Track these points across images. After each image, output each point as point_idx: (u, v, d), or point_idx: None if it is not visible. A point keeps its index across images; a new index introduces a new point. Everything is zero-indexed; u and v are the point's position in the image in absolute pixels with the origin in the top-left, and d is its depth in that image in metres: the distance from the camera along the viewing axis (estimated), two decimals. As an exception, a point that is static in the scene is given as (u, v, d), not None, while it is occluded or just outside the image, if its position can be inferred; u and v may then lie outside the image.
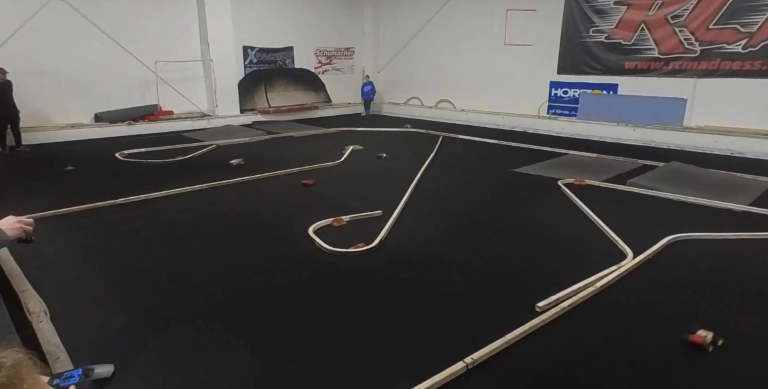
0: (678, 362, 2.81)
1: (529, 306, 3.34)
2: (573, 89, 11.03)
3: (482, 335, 2.97)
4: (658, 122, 9.61)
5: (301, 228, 4.79)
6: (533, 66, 11.45)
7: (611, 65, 10.36)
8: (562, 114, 11.25)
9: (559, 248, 4.48)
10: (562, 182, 6.48)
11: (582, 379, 2.67)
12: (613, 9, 10.14)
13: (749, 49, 8.59)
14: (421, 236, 4.76)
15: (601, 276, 3.74)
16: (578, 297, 3.44)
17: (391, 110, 14.62)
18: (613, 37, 10.23)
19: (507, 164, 7.75)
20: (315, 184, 6.45)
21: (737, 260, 4.16)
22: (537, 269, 4.05)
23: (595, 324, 3.22)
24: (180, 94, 11.52)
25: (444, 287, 3.74)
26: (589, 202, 5.58)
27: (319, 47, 14.11)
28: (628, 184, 6.39)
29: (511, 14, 11.65)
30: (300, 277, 3.92)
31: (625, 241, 4.41)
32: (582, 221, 5.12)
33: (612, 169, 7.36)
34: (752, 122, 8.63)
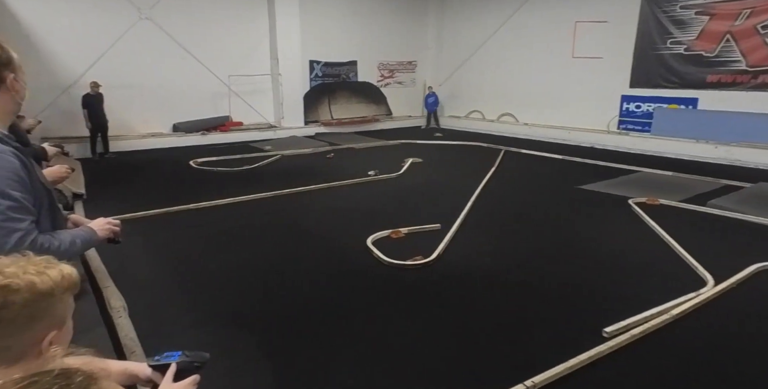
0: (767, 404, 2.54)
1: (594, 331, 3.15)
2: (647, 104, 10.46)
3: (543, 358, 2.84)
4: (744, 140, 8.86)
5: (360, 239, 4.83)
6: (603, 79, 11.00)
7: (691, 78, 9.74)
8: (633, 129, 10.68)
9: (629, 271, 4.22)
10: (633, 201, 6.12)
11: (654, 415, 2.48)
12: (694, 19, 9.57)
13: None
14: (479, 252, 4.66)
15: (677, 304, 3.47)
16: (651, 325, 3.20)
17: (452, 124, 14.54)
18: (694, 49, 9.64)
19: (572, 180, 7.44)
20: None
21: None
22: (604, 292, 3.82)
23: (669, 354, 2.98)
24: (249, 106, 12.11)
25: (503, 306, 3.62)
26: (664, 223, 5.22)
27: (381, 61, 14.36)
28: (708, 205, 5.93)
29: (580, 26, 11.30)
30: (357, 287, 3.94)
31: (704, 267, 4.08)
32: (655, 244, 4.80)
33: (690, 189, 6.86)
34: None
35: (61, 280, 0.95)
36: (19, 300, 0.89)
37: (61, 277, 0.95)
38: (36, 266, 0.94)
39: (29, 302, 0.90)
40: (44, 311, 0.93)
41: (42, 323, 0.93)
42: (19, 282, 0.90)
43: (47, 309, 0.93)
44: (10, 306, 0.88)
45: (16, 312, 0.89)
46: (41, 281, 0.92)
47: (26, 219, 1.41)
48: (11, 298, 0.88)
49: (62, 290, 0.95)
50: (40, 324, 0.93)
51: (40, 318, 0.93)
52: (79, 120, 9.40)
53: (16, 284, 0.89)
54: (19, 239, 1.37)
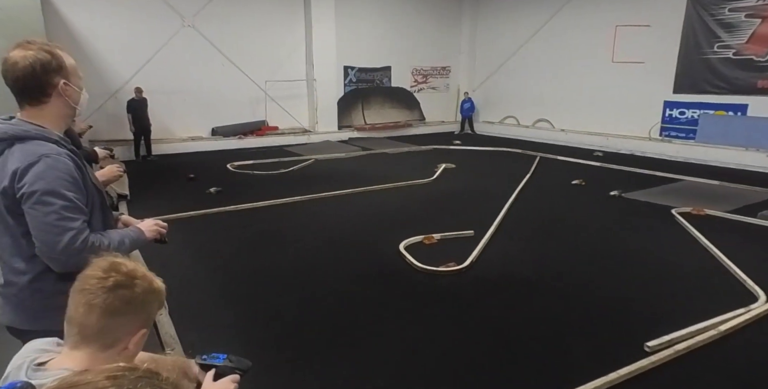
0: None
1: (636, 345, 3.03)
2: (691, 110, 10.07)
3: (582, 371, 2.75)
4: (797, 148, 8.42)
5: (392, 244, 4.83)
6: (644, 85, 10.66)
7: (740, 84, 9.32)
8: (677, 137, 10.29)
9: (674, 283, 4.05)
10: (676, 211, 5.88)
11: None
12: (744, 22, 9.17)
13: None
14: (514, 260, 4.57)
15: (725, 319, 3.31)
16: (696, 340, 3.06)
17: (486, 129, 14.39)
18: (744, 53, 9.23)
19: (612, 188, 7.20)
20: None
21: None
22: (646, 304, 3.68)
23: (715, 371, 2.84)
24: (285, 111, 12.34)
25: (540, 316, 3.54)
26: (710, 234, 5.00)
27: (415, 66, 14.37)
28: (759, 217, 5.63)
29: (620, 30, 11.00)
30: (390, 292, 3.93)
31: (754, 281, 3.87)
32: (701, 255, 4.59)
33: (738, 199, 6.54)
34: None
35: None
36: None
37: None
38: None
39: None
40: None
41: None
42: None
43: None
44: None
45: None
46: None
47: (79, 219, 1.47)
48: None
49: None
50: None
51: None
52: (124, 124, 9.81)
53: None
54: (72, 237, 1.43)
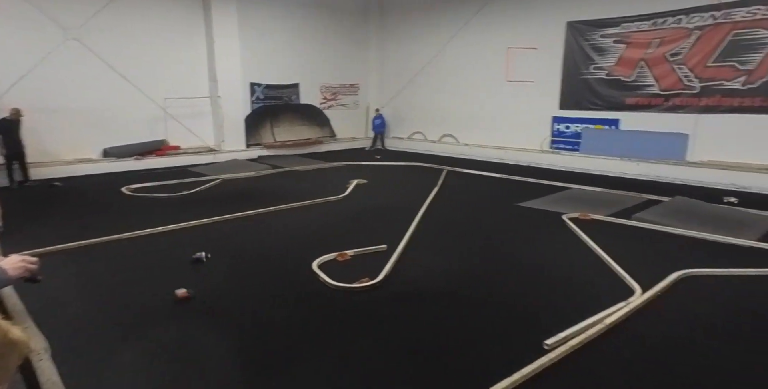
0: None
1: (537, 344, 3.26)
2: (575, 124, 11.18)
3: (491, 373, 2.89)
4: (660, 157, 9.66)
5: (306, 263, 4.76)
6: (535, 102, 11.67)
7: (612, 101, 10.54)
8: (565, 149, 11.35)
9: (566, 283, 4.42)
10: (566, 217, 6.45)
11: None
12: (613, 47, 10.41)
13: (748, 86, 8.73)
14: (425, 271, 4.71)
15: (609, 313, 3.67)
16: (587, 335, 3.36)
17: (396, 145, 14.82)
18: (614, 74, 10.45)
19: (512, 198, 7.76)
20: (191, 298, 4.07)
21: (748, 297, 4.08)
22: (544, 305, 3.97)
23: (606, 362, 3.13)
24: (187, 130, 11.76)
25: (450, 323, 3.67)
26: (595, 237, 5.54)
27: (324, 83, 14.48)
28: (633, 219, 6.37)
29: (512, 52, 11.98)
30: (305, 312, 3.86)
31: (632, 277, 4.35)
32: (588, 257, 5.07)
33: (616, 203, 7.34)
34: (756, 157, 8.66)
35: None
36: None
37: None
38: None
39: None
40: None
41: None
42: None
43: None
44: None
45: None
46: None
47: None
48: None
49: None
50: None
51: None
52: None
53: None
54: None
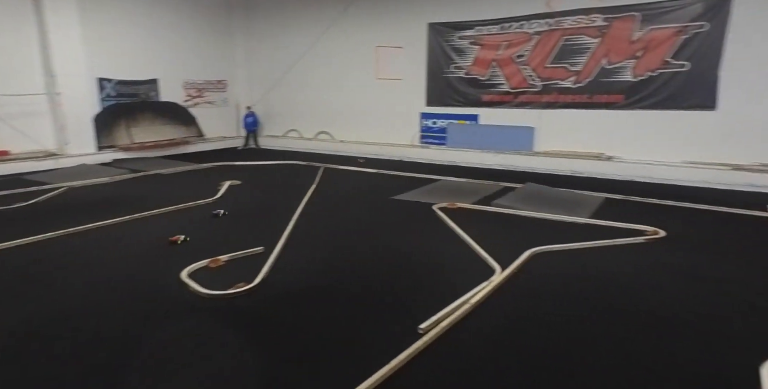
0: (550, 368, 3.09)
1: (414, 328, 3.44)
2: (441, 120, 11.94)
3: (371, 363, 2.98)
4: (513, 148, 10.78)
5: (174, 273, 4.42)
6: (404, 99, 12.21)
7: (471, 98, 11.45)
8: (433, 143, 12.08)
9: (437, 269, 4.72)
10: (436, 207, 6.89)
11: (464, 395, 2.80)
12: (469, 48, 11.29)
13: (578, 84, 10.12)
14: (304, 270, 4.68)
15: (474, 293, 4.01)
16: (456, 315, 3.63)
17: (271, 143, 14.44)
18: (471, 73, 11.35)
19: (386, 192, 8.05)
20: (187, 240, 5.39)
21: (585, 266, 4.75)
22: (418, 291, 4.20)
23: (474, 338, 3.41)
24: (18, 132, 10.12)
25: (331, 319, 3.69)
26: (461, 223, 6.00)
27: (188, 79, 13.51)
28: (493, 205, 7.03)
29: (380, 50, 12.37)
30: (177, 326, 3.58)
31: (493, 257, 4.80)
32: (456, 242, 5.47)
33: (479, 192, 8.03)
34: (587, 146, 10.10)
35: None
36: None
37: None
38: None
39: None
40: None
41: None
42: None
43: None
44: None
45: None
46: None
47: None
48: None
49: None
50: None
51: None
52: None
53: None
54: None
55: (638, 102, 9.45)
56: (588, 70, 9.93)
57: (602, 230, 5.87)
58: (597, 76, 9.83)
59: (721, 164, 8.59)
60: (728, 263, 4.79)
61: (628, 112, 9.54)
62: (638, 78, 9.40)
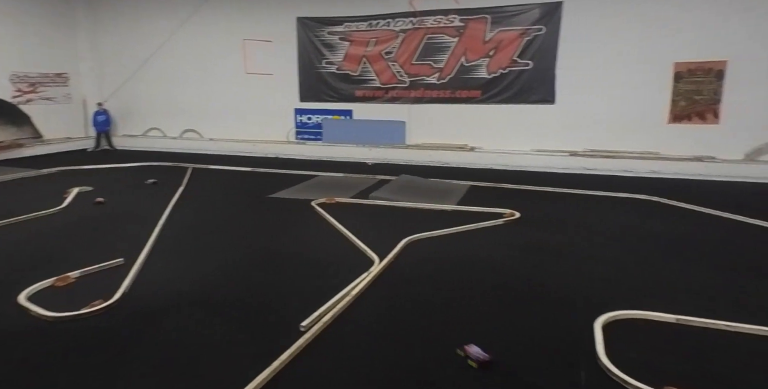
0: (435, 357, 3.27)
1: (294, 328, 3.39)
2: (316, 116, 11.88)
3: (254, 366, 2.87)
4: (387, 142, 11.16)
5: (11, 297, 3.78)
6: (277, 94, 11.90)
7: (344, 93, 11.57)
8: (309, 139, 11.98)
9: (318, 264, 4.71)
10: (315, 203, 6.86)
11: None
12: (339, 44, 11.37)
13: (441, 81, 10.79)
14: (172, 280, 4.33)
15: (355, 285, 4.08)
16: (338, 309, 3.66)
17: (128, 143, 13.06)
18: (343, 69, 11.45)
19: (263, 190, 7.79)
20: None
21: (456, 250, 5.11)
22: (299, 289, 4.14)
23: (356, 329, 3.47)
24: None
25: (205, 328, 3.47)
26: (340, 218, 6.06)
27: (16, 72, 11.59)
28: (370, 198, 7.22)
29: (248, 44, 11.88)
30: (19, 359, 3.07)
31: (372, 249, 4.93)
32: (335, 237, 5.51)
33: (357, 186, 8.17)
34: (453, 138, 10.83)
35: None
36: None
37: None
38: None
39: None
40: None
41: None
42: None
43: None
44: None
45: None
46: None
47: None
48: None
49: None
50: None
51: None
52: None
53: None
54: None
55: (493, 97, 10.40)
56: (449, 67, 10.64)
57: (468, 215, 6.36)
58: (457, 73, 10.58)
59: (561, 151, 9.85)
60: (570, 236, 5.52)
61: (485, 106, 10.45)
62: (492, 75, 10.33)
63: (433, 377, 2.91)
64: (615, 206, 6.94)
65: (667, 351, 3.18)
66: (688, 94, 9.05)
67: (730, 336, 3.34)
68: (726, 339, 3.31)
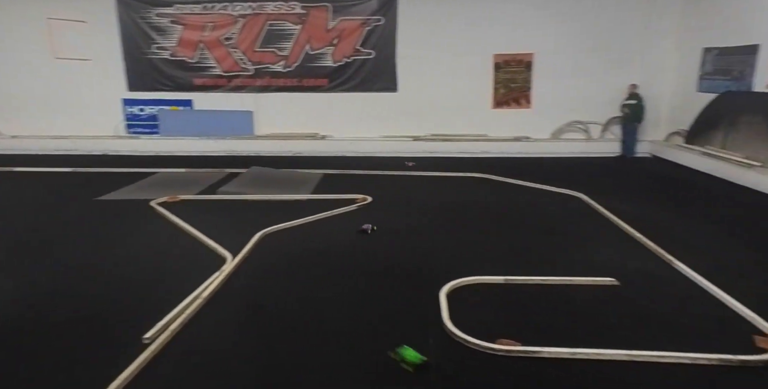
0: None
1: (137, 340, 3.08)
2: (149, 106, 10.76)
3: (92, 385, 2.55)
4: (234, 133, 10.62)
5: None
6: (98, 83, 10.49)
7: (181, 82, 10.66)
8: (143, 132, 10.82)
9: (164, 269, 4.33)
10: (155, 202, 6.26)
11: (203, 392, 2.70)
12: (170, 27, 10.39)
13: (288, 69, 10.59)
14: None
15: (206, 286, 3.85)
16: (187, 314, 3.43)
17: None
18: (177, 55, 10.52)
19: (89, 193, 6.84)
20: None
21: (312, 239, 5.13)
22: (144, 299, 3.77)
23: (211, 334, 3.29)
24: None
25: (32, 354, 2.98)
26: (186, 217, 5.63)
27: None
28: (219, 192, 6.84)
29: (56, 24, 10.17)
30: None
31: (223, 246, 4.69)
32: (182, 238, 5.11)
33: (203, 181, 7.64)
34: (302, 128, 10.75)
35: None
36: None
37: None
38: None
39: None
40: None
41: None
42: None
43: None
44: None
45: None
46: None
47: None
48: None
49: None
50: None
51: None
52: None
53: None
54: None
55: (340, 85, 10.56)
56: (295, 55, 10.48)
57: (323, 203, 6.41)
58: (303, 61, 10.49)
59: (405, 136, 10.48)
60: (416, 215, 5.95)
61: (333, 94, 10.58)
62: (337, 64, 10.47)
63: (294, 376, 2.90)
64: (453, 185, 7.65)
65: (500, 309, 3.65)
66: (506, 82, 10.32)
67: (546, 288, 3.96)
68: (544, 292, 3.91)
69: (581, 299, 3.78)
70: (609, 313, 3.58)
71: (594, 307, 3.66)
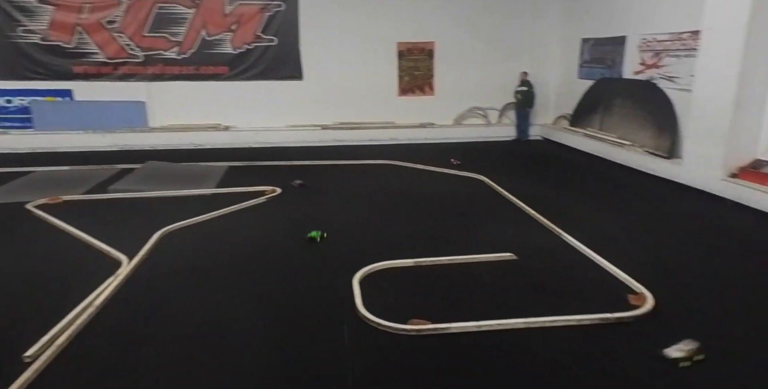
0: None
1: (16, 360, 2.76)
2: (19, 97, 9.52)
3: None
4: (125, 126, 9.74)
5: None
6: (-51, 70, 9.04)
7: (57, 70, 9.54)
8: (14, 127, 9.55)
9: (48, 280, 3.90)
10: (32, 205, 5.58)
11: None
12: (40, 8, 9.22)
13: (183, 56, 9.89)
14: None
15: (98, 293, 3.53)
16: (77, 325, 3.12)
17: None
18: (50, 39, 9.38)
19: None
20: None
21: (218, 235, 4.90)
22: (24, 315, 3.37)
23: (106, 343, 3.04)
24: None
25: None
26: (71, 219, 5.10)
27: None
28: (110, 191, 6.27)
29: None
30: None
31: (117, 249, 4.33)
32: (68, 243, 4.63)
33: (90, 179, 6.94)
34: (203, 118, 10.14)
35: None
36: None
37: None
38: None
39: None
40: None
41: None
42: None
43: None
44: None
45: None
46: None
47: None
48: None
49: None
50: None
51: None
52: None
53: None
54: None
55: (241, 73, 10.09)
56: (190, 41, 9.81)
57: (229, 197, 6.14)
58: (200, 47, 9.86)
59: (313, 125, 10.32)
60: (327, 204, 5.92)
61: (235, 83, 10.08)
62: (237, 51, 9.97)
63: (203, 381, 2.78)
64: (362, 172, 7.71)
65: (411, 291, 3.77)
66: (409, 70, 10.53)
67: (453, 267, 4.16)
68: (451, 271, 4.10)
69: (484, 274, 4.03)
70: (509, 286, 3.85)
71: (496, 281, 3.91)
